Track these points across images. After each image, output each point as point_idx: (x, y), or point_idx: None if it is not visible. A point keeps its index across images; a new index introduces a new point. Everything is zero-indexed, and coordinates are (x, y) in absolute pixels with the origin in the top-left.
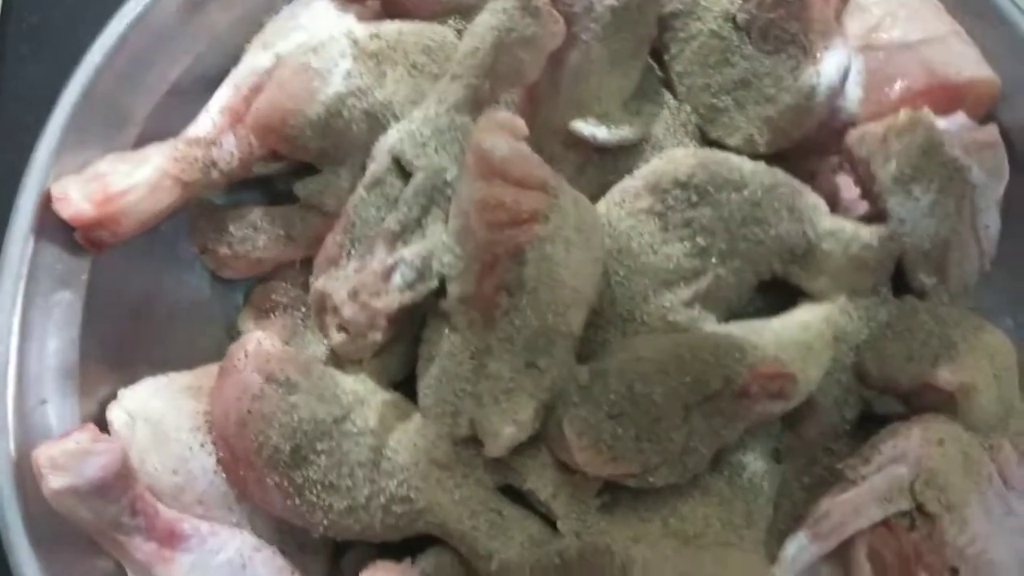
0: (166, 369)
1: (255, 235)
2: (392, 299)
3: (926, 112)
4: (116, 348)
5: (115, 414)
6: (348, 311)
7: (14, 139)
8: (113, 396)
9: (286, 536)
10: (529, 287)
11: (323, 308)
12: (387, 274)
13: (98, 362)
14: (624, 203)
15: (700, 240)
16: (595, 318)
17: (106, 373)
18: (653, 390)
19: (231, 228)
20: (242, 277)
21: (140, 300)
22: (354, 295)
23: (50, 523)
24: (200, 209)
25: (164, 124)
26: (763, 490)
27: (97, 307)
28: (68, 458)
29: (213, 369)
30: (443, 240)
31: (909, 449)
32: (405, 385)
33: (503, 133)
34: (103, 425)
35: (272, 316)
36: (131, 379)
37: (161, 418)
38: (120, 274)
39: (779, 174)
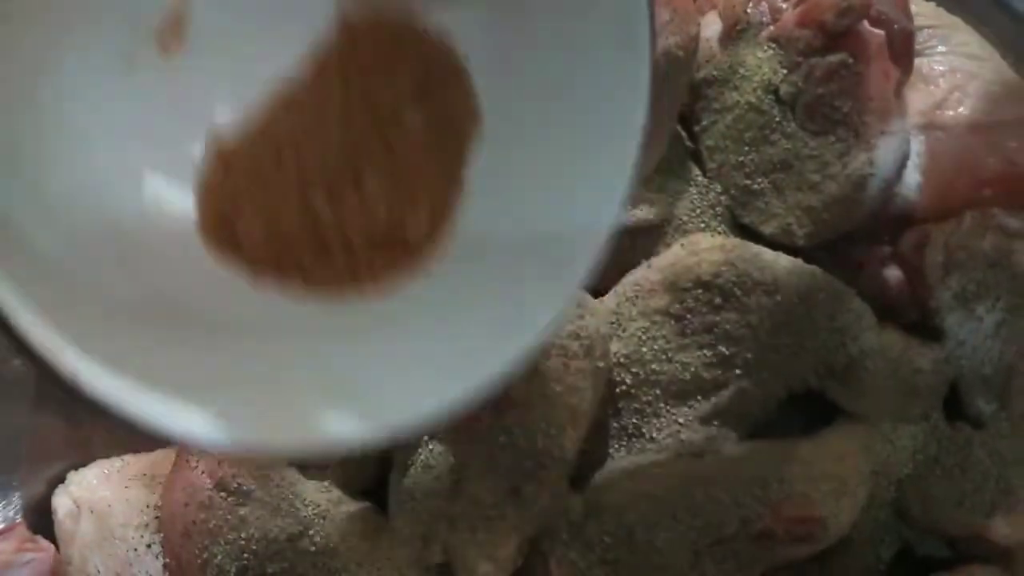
0: (127, 444)
1: None
2: None
3: (996, 214)
4: (72, 419)
5: (61, 501)
6: None
7: None
8: (62, 477)
9: None
10: (517, 403)
11: None
12: None
13: (50, 436)
14: (637, 300)
15: (723, 348)
16: (595, 429)
17: (58, 449)
18: (656, 536)
19: None
20: None
21: None
22: None
23: None
24: None
25: None
26: None
27: (51, 376)
28: None
29: (171, 454)
30: None
31: None
32: (377, 492)
33: None
34: (49, 509)
35: None
36: (86, 456)
37: (108, 511)
38: None
39: (819, 276)
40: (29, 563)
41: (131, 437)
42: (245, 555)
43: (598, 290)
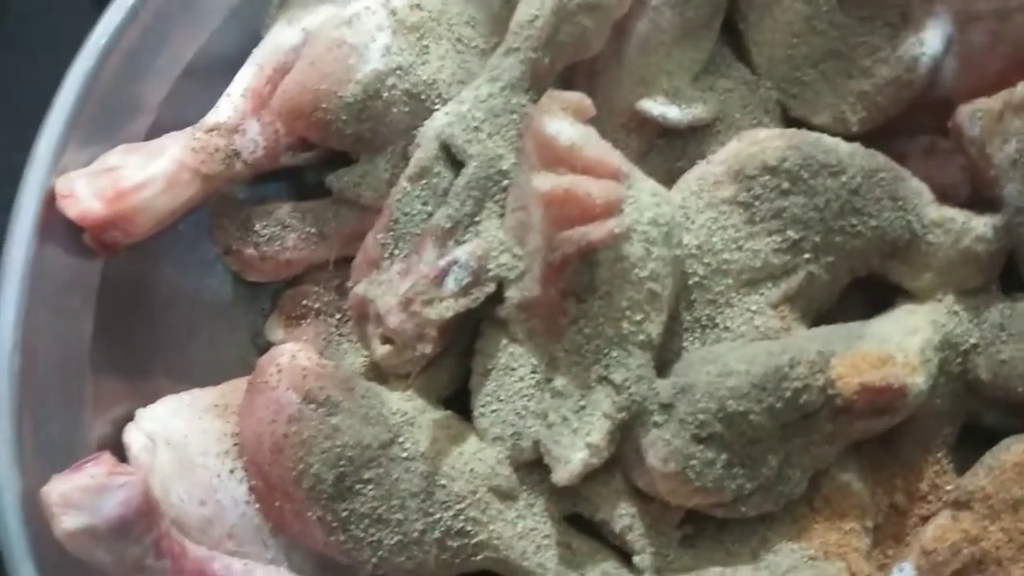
0: (186, 383)
1: (284, 233)
2: (446, 306)
3: None
4: (131, 361)
5: (133, 437)
6: (394, 320)
7: (16, 133)
8: (129, 416)
9: (326, 572)
10: (601, 291)
11: (364, 316)
12: (440, 278)
13: (111, 378)
14: (703, 192)
15: (791, 233)
16: (669, 323)
17: (121, 390)
18: (750, 408)
19: (257, 226)
20: (269, 280)
21: (157, 307)
22: (406, 304)
23: (63, 565)
24: (222, 205)
25: (179, 111)
26: (863, 514)
27: (109, 316)
28: (82, 495)
29: (241, 384)
30: (499, 238)
31: None
32: (455, 401)
33: (567, 115)
34: (119, 450)
35: (303, 324)
36: (149, 396)
37: (185, 441)
38: (135, 279)
39: (879, 157)
40: (123, 486)
41: (195, 372)
42: (341, 462)
43: None
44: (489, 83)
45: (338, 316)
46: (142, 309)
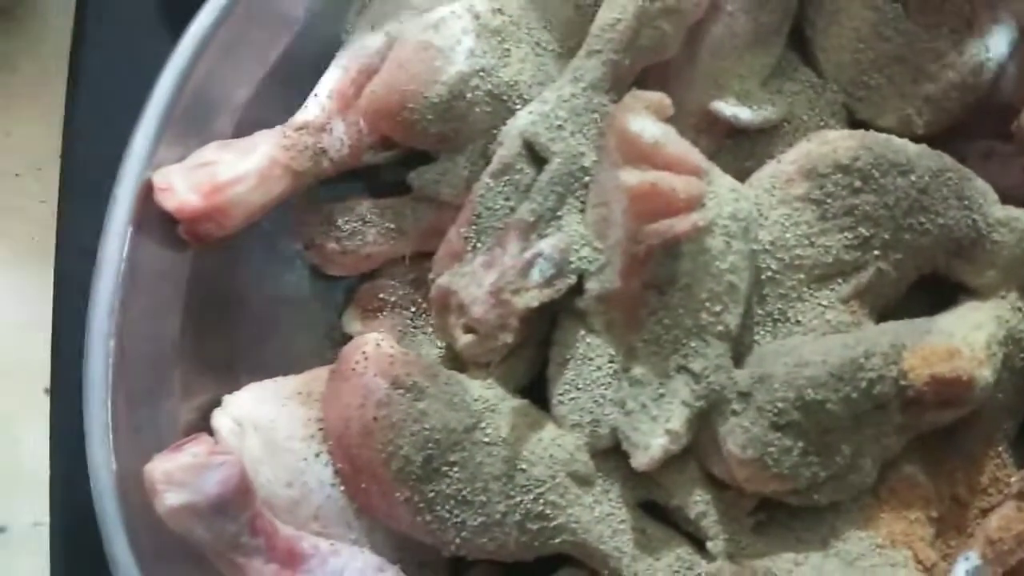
0: (266, 373)
1: (364, 228)
2: (532, 296)
3: None
4: (215, 351)
5: (221, 422)
6: (479, 309)
7: (110, 130)
8: (213, 402)
9: (406, 554)
10: (682, 283)
11: (446, 307)
12: (525, 269)
13: (197, 365)
14: (775, 189)
15: (862, 230)
16: (742, 317)
17: (205, 377)
18: (827, 397)
19: (339, 221)
20: (349, 274)
21: (240, 300)
22: (496, 293)
23: (156, 539)
24: (305, 201)
25: (262, 111)
26: (928, 505)
27: (196, 307)
28: (185, 473)
29: (322, 373)
30: (580, 232)
31: None
32: (530, 390)
33: (649, 113)
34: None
35: (379, 316)
36: (230, 383)
37: (272, 426)
38: (220, 271)
39: (946, 158)
40: (222, 465)
41: (274, 364)
42: (429, 445)
43: None
44: (571, 83)
45: (413, 309)
46: (226, 302)
